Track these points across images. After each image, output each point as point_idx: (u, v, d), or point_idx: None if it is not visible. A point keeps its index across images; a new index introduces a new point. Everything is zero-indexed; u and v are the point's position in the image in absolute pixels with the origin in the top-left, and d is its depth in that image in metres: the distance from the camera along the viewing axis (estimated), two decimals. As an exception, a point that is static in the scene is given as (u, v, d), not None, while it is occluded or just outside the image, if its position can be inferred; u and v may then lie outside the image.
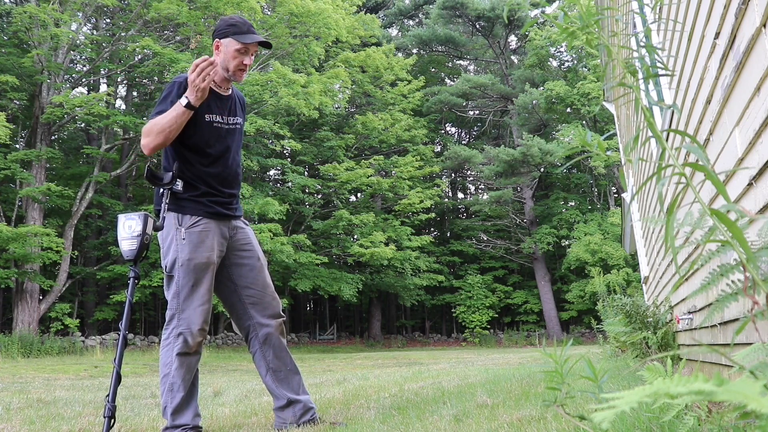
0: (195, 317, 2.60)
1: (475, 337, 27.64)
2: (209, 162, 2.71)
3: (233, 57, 2.68)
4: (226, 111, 2.77)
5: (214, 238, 2.68)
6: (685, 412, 1.61)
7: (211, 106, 2.72)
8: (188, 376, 2.62)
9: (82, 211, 19.93)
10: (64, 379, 7.96)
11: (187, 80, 2.58)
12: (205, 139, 2.68)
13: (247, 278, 2.79)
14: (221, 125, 2.74)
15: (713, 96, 2.29)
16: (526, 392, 3.55)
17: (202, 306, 2.62)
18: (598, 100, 24.05)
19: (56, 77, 19.08)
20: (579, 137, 1.05)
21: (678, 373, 1.41)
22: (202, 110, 2.66)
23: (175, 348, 2.59)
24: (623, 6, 4.63)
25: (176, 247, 2.62)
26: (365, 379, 6.02)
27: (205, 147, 2.68)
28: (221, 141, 2.74)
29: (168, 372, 2.59)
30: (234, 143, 2.82)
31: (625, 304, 5.26)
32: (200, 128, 2.67)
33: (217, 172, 2.72)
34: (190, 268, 2.60)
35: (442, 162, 29.06)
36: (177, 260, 2.61)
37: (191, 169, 2.68)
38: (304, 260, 21.69)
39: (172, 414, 2.56)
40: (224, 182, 2.76)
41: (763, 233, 0.97)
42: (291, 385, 2.82)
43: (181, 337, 2.59)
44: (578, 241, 24.97)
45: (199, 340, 2.63)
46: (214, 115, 2.72)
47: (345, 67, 23.91)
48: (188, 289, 2.60)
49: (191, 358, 2.63)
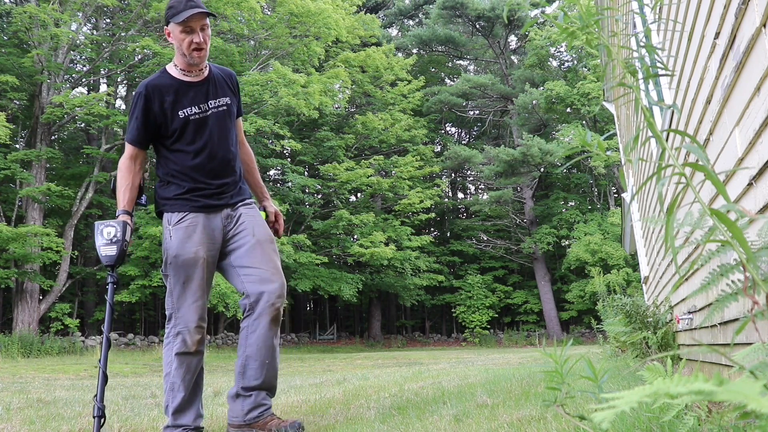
0: (190, 315, 2.55)
1: (475, 337, 27.64)
2: (192, 156, 2.61)
3: (181, 39, 2.54)
4: (202, 97, 2.64)
5: (203, 231, 2.59)
6: (685, 412, 1.61)
7: (181, 100, 2.60)
8: (188, 376, 2.56)
9: (82, 211, 19.94)
10: (64, 379, 7.96)
11: (146, 89, 2.56)
12: (184, 135, 2.60)
13: (243, 258, 2.66)
14: (198, 115, 2.62)
15: (713, 96, 2.29)
16: (526, 392, 3.54)
17: (195, 302, 2.56)
18: (598, 100, 24.05)
19: (56, 77, 19.09)
20: (579, 137, 1.05)
21: (678, 373, 1.41)
22: (174, 107, 2.58)
23: (174, 347, 2.54)
24: (623, 6, 4.63)
25: (166, 246, 2.60)
26: (365, 379, 6.02)
27: (185, 144, 2.61)
28: (201, 132, 2.63)
29: (169, 371, 2.55)
30: (218, 129, 2.67)
31: (625, 304, 5.26)
32: (176, 126, 2.59)
33: (202, 164, 2.62)
34: (179, 264, 2.55)
35: (442, 162, 29.07)
36: (166, 259, 2.58)
37: (175, 168, 2.63)
38: (304, 260, 21.69)
39: (173, 414, 2.53)
40: (211, 173, 2.65)
41: (763, 233, 0.97)
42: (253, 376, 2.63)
43: (179, 336, 2.54)
44: (578, 241, 24.97)
45: (197, 338, 2.56)
46: (188, 108, 2.61)
47: (345, 67, 23.92)
48: (180, 286, 2.55)
49: (191, 358, 2.56)
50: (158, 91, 2.57)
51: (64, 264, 19.09)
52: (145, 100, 2.56)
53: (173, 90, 2.60)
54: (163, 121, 2.59)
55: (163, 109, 2.58)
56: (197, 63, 2.59)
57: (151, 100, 2.56)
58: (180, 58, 2.61)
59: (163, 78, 2.63)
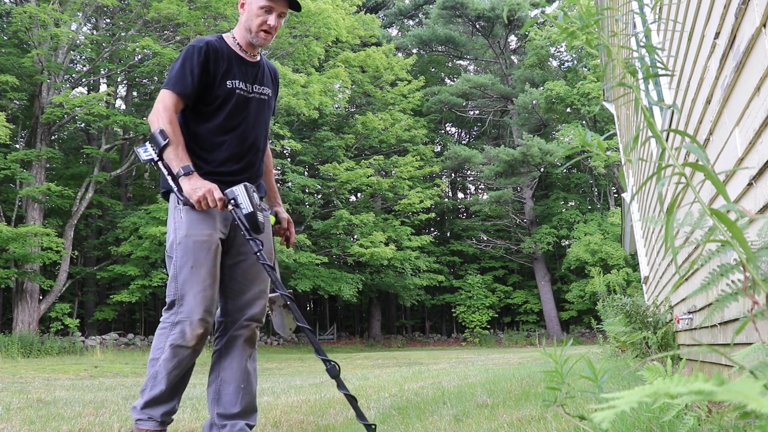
0: (195, 304, 2.26)
1: (475, 337, 27.64)
2: (223, 132, 2.42)
3: (256, 15, 2.41)
4: (251, 78, 2.49)
5: (220, 214, 2.36)
6: (685, 412, 1.61)
7: (234, 70, 2.44)
8: (176, 372, 2.28)
9: (82, 211, 19.93)
10: (64, 379, 7.96)
11: (208, 46, 2.39)
12: (224, 107, 2.42)
13: (238, 269, 2.45)
14: (243, 92, 2.46)
15: (713, 96, 2.29)
16: (526, 392, 3.54)
17: (203, 291, 2.27)
18: (598, 100, 24.06)
19: (56, 77, 19.09)
20: (579, 137, 1.05)
21: (678, 373, 1.41)
22: (223, 76, 2.41)
23: (170, 337, 2.27)
24: (623, 6, 4.63)
25: (174, 225, 2.33)
26: (365, 379, 6.02)
27: (221, 117, 2.41)
28: (240, 110, 2.45)
29: (157, 358, 2.29)
30: (256, 115, 2.51)
31: (625, 304, 5.26)
32: (220, 94, 2.41)
33: (231, 143, 2.42)
34: (189, 246, 2.28)
35: (442, 162, 29.08)
36: (175, 239, 2.31)
37: (200, 142, 2.40)
38: (304, 260, 21.69)
39: (146, 402, 2.29)
40: (236, 157, 2.44)
41: (763, 233, 0.97)
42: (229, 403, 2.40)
43: (178, 326, 2.26)
44: (578, 241, 24.98)
45: (199, 333, 2.27)
46: (237, 81, 2.44)
47: (345, 67, 23.93)
48: (187, 270, 2.27)
49: (185, 353, 2.28)
50: (216, 53, 2.41)
51: (64, 264, 19.09)
52: (205, 56, 2.37)
53: (229, 58, 2.45)
54: (212, 85, 2.40)
55: (215, 72, 2.40)
56: (260, 44, 2.48)
57: (208, 59, 2.39)
58: (243, 33, 2.48)
59: (222, 43, 2.47)
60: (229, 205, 2.26)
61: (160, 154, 2.29)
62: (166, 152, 2.27)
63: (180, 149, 2.28)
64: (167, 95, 2.33)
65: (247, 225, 2.26)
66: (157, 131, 2.28)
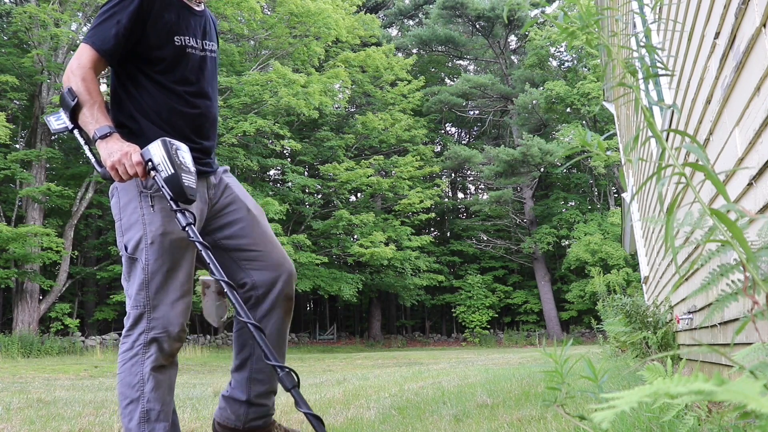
0: (173, 315, 1.86)
1: (475, 337, 27.64)
2: (183, 102, 2.00)
3: None
4: (200, 32, 2.06)
5: (197, 203, 1.98)
6: (685, 412, 1.61)
7: (181, 24, 1.99)
8: (169, 398, 1.89)
9: (82, 211, 19.94)
10: (64, 379, 7.96)
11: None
12: (175, 69, 1.98)
13: (241, 238, 2.06)
14: (194, 51, 2.02)
15: (713, 96, 2.29)
16: (526, 392, 3.54)
17: (182, 299, 1.89)
18: (598, 100, 24.06)
19: (56, 77, 19.09)
20: (579, 137, 1.05)
21: (678, 373, 1.41)
22: (170, 30, 1.96)
23: (147, 361, 1.83)
24: (623, 6, 4.63)
25: (142, 219, 1.88)
26: (365, 379, 6.02)
27: (175, 81, 1.98)
28: (197, 74, 2.04)
29: (139, 395, 1.82)
30: (209, 76, 2.10)
31: (625, 304, 5.26)
32: (166, 54, 1.96)
33: (194, 115, 2.02)
34: (165, 246, 1.86)
35: (442, 162, 29.08)
36: (144, 236, 1.86)
37: (155, 110, 1.97)
38: (304, 260, 21.70)
39: None
40: (201, 130, 2.06)
41: (763, 233, 0.97)
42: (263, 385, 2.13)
43: (154, 345, 1.84)
44: (578, 241, 24.99)
45: (177, 347, 1.89)
46: (187, 38, 2.00)
47: (345, 67, 23.94)
48: (162, 276, 1.86)
49: (170, 372, 1.90)
50: (159, 2, 1.95)
51: (64, 264, 19.10)
52: (140, 5, 1.89)
53: (175, 9, 1.99)
54: (155, 43, 1.94)
55: (157, 26, 1.94)
56: None
57: (146, 9, 1.91)
58: None
59: None
60: (151, 171, 1.80)
61: (74, 119, 1.85)
62: (81, 115, 1.83)
63: (96, 109, 1.84)
64: (84, 50, 1.89)
65: (170, 193, 1.79)
66: (65, 91, 1.85)
